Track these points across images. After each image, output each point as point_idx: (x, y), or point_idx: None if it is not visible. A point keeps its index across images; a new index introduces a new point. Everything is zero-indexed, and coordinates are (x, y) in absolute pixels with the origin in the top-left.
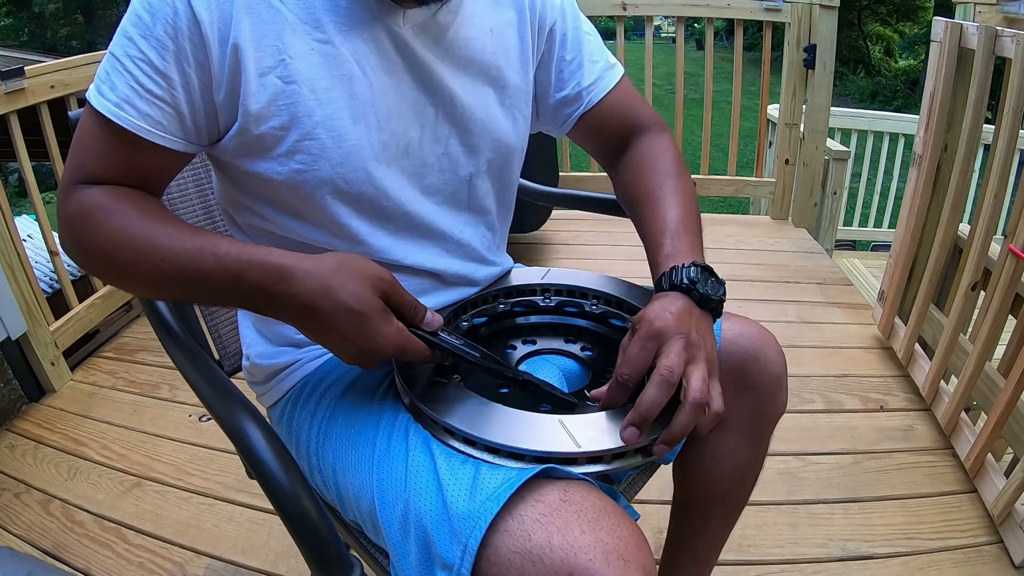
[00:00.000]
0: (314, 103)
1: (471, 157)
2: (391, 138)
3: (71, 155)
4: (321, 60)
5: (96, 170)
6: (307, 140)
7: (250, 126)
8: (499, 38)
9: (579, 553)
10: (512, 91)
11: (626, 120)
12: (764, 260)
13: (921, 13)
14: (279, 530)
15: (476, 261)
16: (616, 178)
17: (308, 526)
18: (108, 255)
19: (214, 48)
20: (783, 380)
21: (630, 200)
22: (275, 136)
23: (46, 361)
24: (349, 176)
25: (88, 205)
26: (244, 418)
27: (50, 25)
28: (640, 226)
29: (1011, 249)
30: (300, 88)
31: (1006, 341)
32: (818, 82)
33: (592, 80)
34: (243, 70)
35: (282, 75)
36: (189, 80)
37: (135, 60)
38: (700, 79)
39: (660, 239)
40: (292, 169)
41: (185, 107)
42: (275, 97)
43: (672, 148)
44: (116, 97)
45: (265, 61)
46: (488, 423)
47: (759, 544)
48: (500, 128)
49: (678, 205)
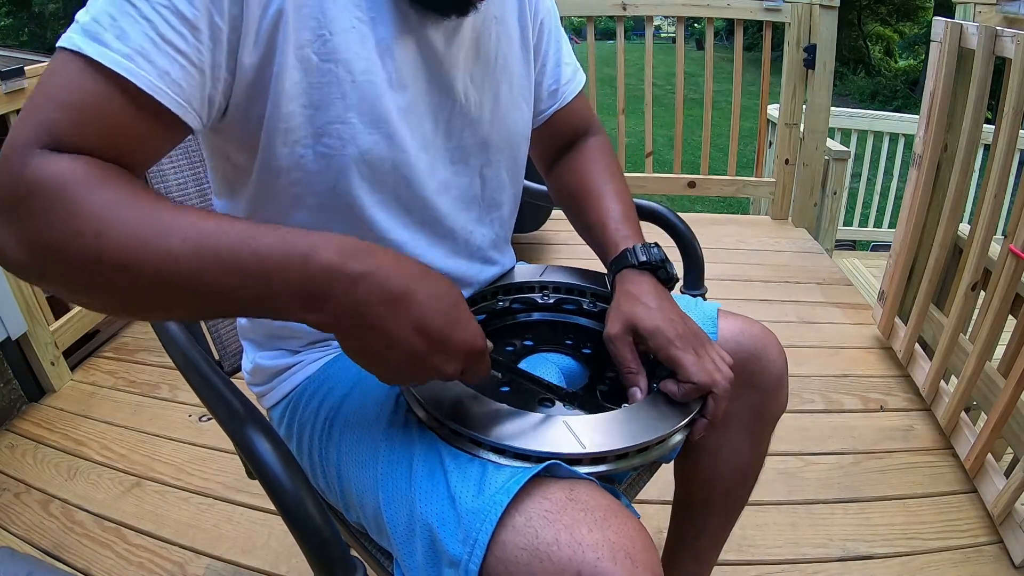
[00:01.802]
0: (349, 85)
1: (483, 150)
2: (409, 133)
3: (31, 110)
4: (360, 40)
5: (71, 132)
6: (338, 123)
7: (281, 101)
8: (503, 26)
9: (587, 551)
10: (517, 79)
11: (582, 124)
12: (764, 260)
13: (921, 13)
14: (279, 530)
15: (481, 262)
16: (555, 176)
17: (311, 528)
18: (92, 242)
19: (254, 5)
20: (784, 379)
21: (570, 195)
22: (305, 115)
23: (46, 361)
24: (376, 163)
25: (59, 176)
26: (245, 419)
27: (50, 25)
28: (582, 217)
29: (1011, 249)
30: (337, 68)
31: (1006, 341)
32: (818, 82)
33: (568, 79)
34: (282, 39)
35: (319, 51)
36: (218, 35)
37: (155, 4)
38: (700, 79)
39: (609, 223)
40: (319, 152)
41: (208, 69)
42: (309, 73)
43: (610, 152)
44: (127, 48)
45: (304, 34)
46: (493, 424)
47: (759, 544)
48: (508, 118)
49: (620, 201)
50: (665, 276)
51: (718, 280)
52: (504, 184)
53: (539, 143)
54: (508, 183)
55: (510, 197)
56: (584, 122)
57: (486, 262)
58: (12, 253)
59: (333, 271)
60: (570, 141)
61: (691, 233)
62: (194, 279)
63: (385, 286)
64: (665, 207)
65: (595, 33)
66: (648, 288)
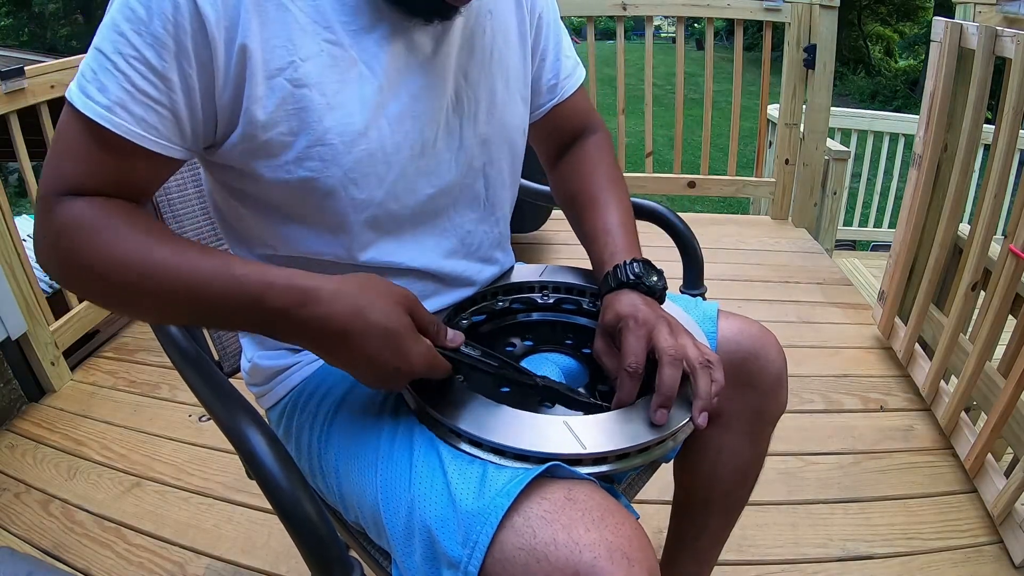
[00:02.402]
0: (324, 108)
1: (484, 147)
2: (404, 139)
3: (50, 164)
4: (331, 62)
5: (81, 180)
6: (318, 146)
7: (256, 132)
8: (498, 20)
9: (584, 551)
10: (513, 73)
11: (583, 120)
12: (764, 260)
13: (921, 13)
14: (279, 530)
15: (482, 261)
16: (557, 175)
17: (308, 527)
18: (106, 277)
19: (220, 49)
20: (783, 379)
21: (570, 198)
22: (283, 142)
23: (46, 361)
24: (361, 181)
25: (76, 220)
26: (244, 419)
27: (50, 25)
28: (581, 226)
29: (1011, 249)
30: (310, 92)
31: (1006, 341)
32: (818, 82)
33: (567, 74)
34: (250, 73)
35: (291, 78)
36: (189, 82)
37: (128, 59)
38: (700, 79)
39: (599, 237)
40: (301, 176)
41: (184, 111)
42: (284, 101)
43: (611, 152)
44: (107, 100)
45: (274, 63)
46: (494, 425)
47: (759, 544)
48: (505, 113)
49: (617, 209)
50: (645, 290)
51: (718, 280)
52: (505, 182)
53: (540, 140)
54: (508, 181)
55: (509, 195)
56: (584, 117)
57: (487, 261)
58: (56, 274)
59: (283, 315)
60: (572, 137)
61: (690, 233)
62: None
63: (328, 329)
64: (665, 207)
65: (595, 33)
66: (625, 299)
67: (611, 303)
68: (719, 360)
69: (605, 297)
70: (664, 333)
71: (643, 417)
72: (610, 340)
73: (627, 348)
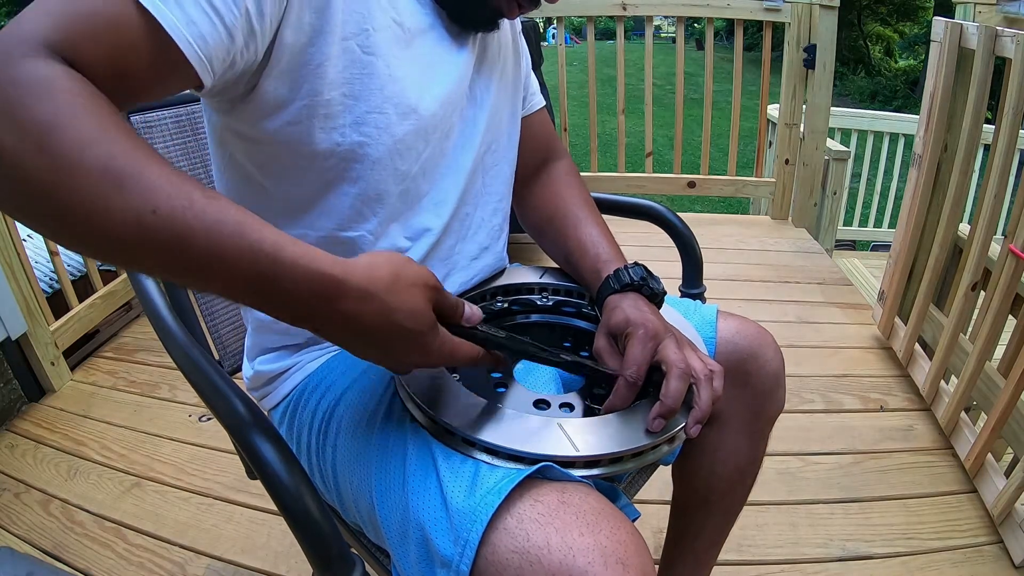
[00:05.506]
0: (387, 78)
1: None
2: (440, 122)
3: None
4: (394, 37)
5: (80, 41)
6: (375, 113)
7: (323, 89)
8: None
9: (578, 556)
10: (510, 67)
11: (547, 140)
12: (764, 260)
13: (921, 13)
14: (279, 530)
15: (481, 249)
16: (530, 199)
17: (311, 524)
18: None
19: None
20: (781, 378)
21: (546, 219)
22: (344, 104)
23: (46, 361)
24: (405, 153)
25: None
26: (245, 416)
27: None
28: (565, 241)
29: (1011, 249)
30: (377, 62)
31: (1006, 341)
32: (818, 82)
33: (533, 90)
34: (327, 28)
35: (362, 44)
36: (261, 5)
37: None
38: (700, 79)
39: (589, 250)
40: (355, 141)
41: (242, 36)
42: (352, 63)
43: (580, 177)
44: None
45: (349, 27)
46: (488, 425)
47: (759, 544)
48: (503, 108)
49: (598, 224)
50: (649, 293)
51: (718, 280)
52: (506, 178)
53: None
54: (507, 174)
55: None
56: (550, 139)
57: (485, 250)
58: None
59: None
60: (540, 157)
61: (690, 233)
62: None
63: (351, 328)
64: (664, 207)
65: (595, 33)
66: (631, 302)
67: (617, 304)
68: (721, 371)
69: (609, 298)
70: (672, 347)
71: (638, 421)
72: (613, 341)
73: (631, 356)
